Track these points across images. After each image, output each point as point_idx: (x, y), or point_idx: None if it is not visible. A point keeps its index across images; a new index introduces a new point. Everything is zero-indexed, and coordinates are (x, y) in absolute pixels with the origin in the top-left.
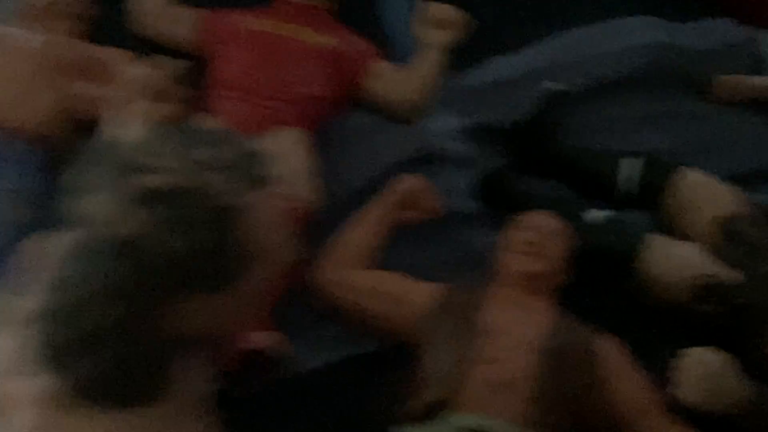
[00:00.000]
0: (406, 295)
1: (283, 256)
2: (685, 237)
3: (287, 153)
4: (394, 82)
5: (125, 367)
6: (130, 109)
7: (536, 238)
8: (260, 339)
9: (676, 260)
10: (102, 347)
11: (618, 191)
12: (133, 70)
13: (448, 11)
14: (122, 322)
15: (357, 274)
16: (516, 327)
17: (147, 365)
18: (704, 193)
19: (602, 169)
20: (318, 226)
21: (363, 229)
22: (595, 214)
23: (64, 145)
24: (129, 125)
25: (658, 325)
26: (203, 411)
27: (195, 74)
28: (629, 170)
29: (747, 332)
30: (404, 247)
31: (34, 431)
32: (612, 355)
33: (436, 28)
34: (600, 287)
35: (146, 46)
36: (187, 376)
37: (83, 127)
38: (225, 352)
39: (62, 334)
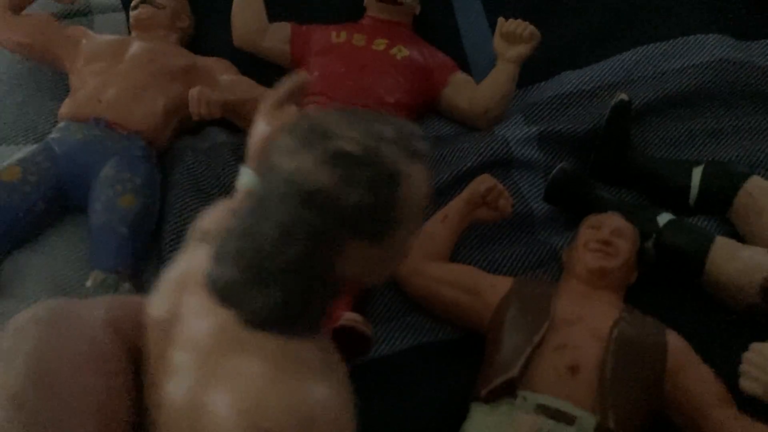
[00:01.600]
0: (483, 287)
1: (421, 222)
2: (752, 242)
3: None
4: (470, 92)
5: (298, 300)
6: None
7: (608, 236)
8: (351, 317)
9: (744, 261)
10: (281, 283)
11: (691, 199)
12: (230, 77)
13: (523, 26)
14: (301, 261)
15: (437, 266)
16: (586, 317)
17: (316, 301)
18: None
19: (675, 177)
20: None
21: (441, 226)
22: (666, 218)
23: (167, 142)
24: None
25: (723, 328)
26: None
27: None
28: (699, 178)
29: None
30: (482, 246)
31: (211, 350)
32: (681, 348)
33: (512, 42)
34: (669, 290)
35: (245, 57)
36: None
37: (184, 128)
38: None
39: (245, 273)
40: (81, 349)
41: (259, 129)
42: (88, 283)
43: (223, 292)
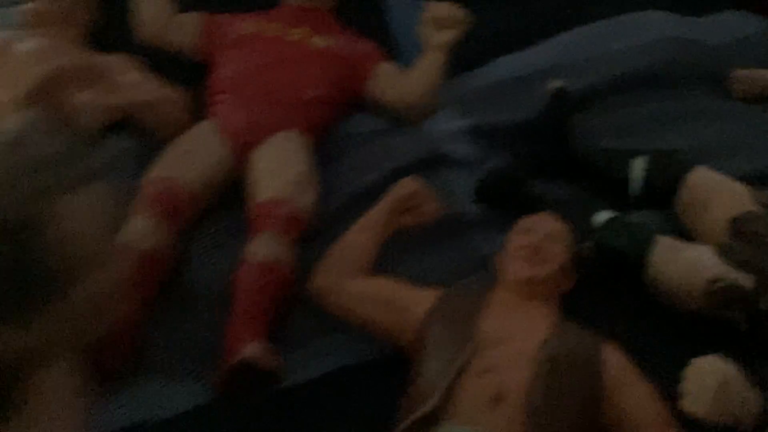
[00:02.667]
0: (406, 303)
1: (115, 259)
2: (698, 237)
3: (287, 158)
4: (397, 83)
5: None
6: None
7: (538, 241)
8: (251, 350)
9: (687, 262)
10: None
11: (631, 192)
12: (132, 76)
13: (450, 10)
14: None
15: (356, 282)
16: (515, 335)
17: None
18: (718, 191)
19: (615, 168)
20: (318, 233)
21: (363, 236)
22: (605, 216)
23: None
24: None
25: (668, 333)
26: (76, 413)
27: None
28: (640, 169)
29: (765, 338)
30: (410, 254)
31: None
32: (619, 365)
33: (439, 27)
34: (607, 293)
35: (151, 53)
36: (46, 385)
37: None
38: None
39: None
40: None
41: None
42: None
43: None
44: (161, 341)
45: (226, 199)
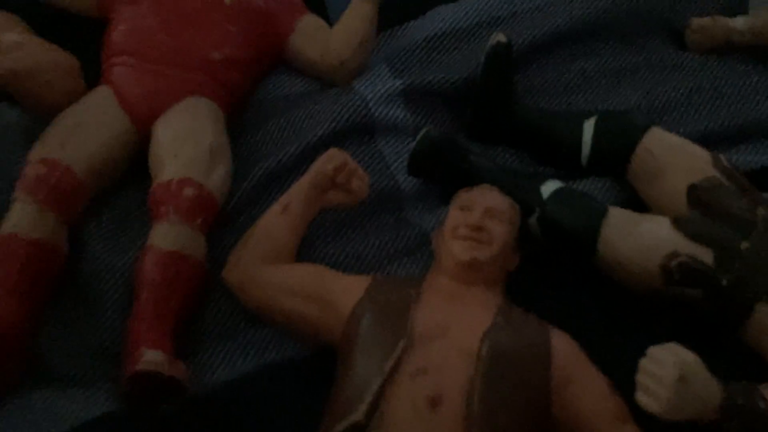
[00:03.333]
0: (333, 293)
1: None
2: (654, 207)
3: (192, 129)
4: (322, 38)
5: None
6: None
7: (478, 219)
8: (151, 359)
9: (642, 237)
10: None
11: (583, 158)
12: (12, 36)
13: None
14: None
15: (276, 271)
16: (453, 328)
17: None
18: (674, 156)
19: (564, 132)
20: (232, 215)
21: (282, 218)
22: (552, 187)
23: None
24: None
25: (622, 315)
26: None
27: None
28: (591, 132)
29: (726, 318)
30: (340, 234)
31: None
32: (569, 355)
33: None
34: (555, 272)
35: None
36: None
37: None
38: None
39: None
40: None
41: None
42: None
43: None
44: (58, 344)
45: (131, 176)
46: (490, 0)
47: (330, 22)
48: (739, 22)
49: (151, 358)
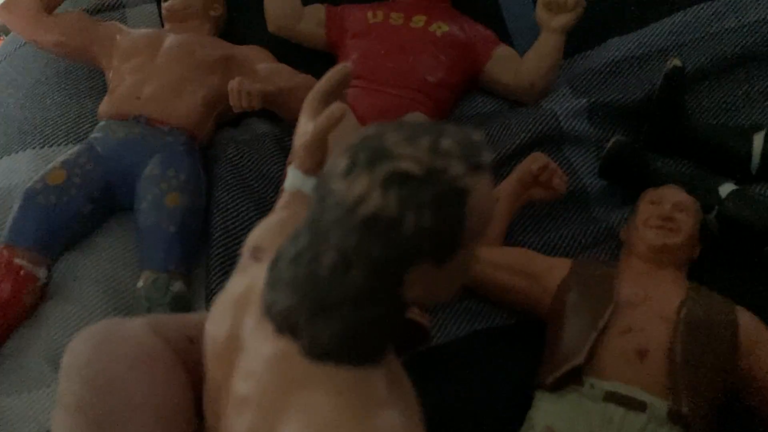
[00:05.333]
0: (540, 271)
1: (487, 235)
2: None
3: None
4: (515, 66)
5: (363, 330)
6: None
7: (670, 211)
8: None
9: None
10: (342, 313)
11: (753, 167)
12: (268, 65)
13: None
14: (361, 292)
15: (492, 251)
16: (651, 298)
17: (381, 328)
18: None
19: (735, 144)
20: None
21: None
22: (729, 188)
23: (209, 136)
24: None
25: None
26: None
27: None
28: (761, 144)
29: None
30: (536, 226)
31: (275, 383)
32: (753, 326)
33: (555, 11)
34: (733, 263)
35: (281, 43)
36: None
37: (223, 121)
38: None
39: (302, 301)
40: (129, 352)
41: (303, 125)
42: (140, 284)
43: (280, 321)
44: None
45: None
46: (660, 32)
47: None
48: None
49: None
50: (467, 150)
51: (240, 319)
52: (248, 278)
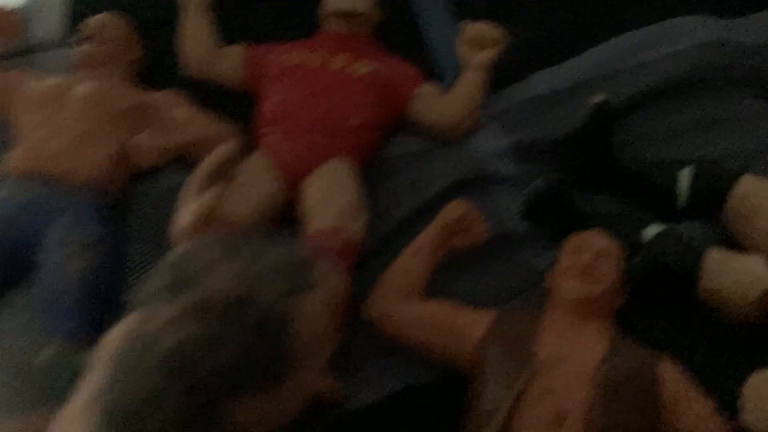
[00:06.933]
0: (461, 326)
1: (329, 349)
2: (748, 247)
3: (337, 186)
4: (439, 103)
5: None
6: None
7: (590, 260)
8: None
9: (739, 274)
10: None
11: (679, 204)
12: (182, 112)
13: (487, 29)
14: (177, 423)
15: (412, 306)
16: (572, 356)
17: None
18: (766, 200)
19: (661, 180)
20: (368, 258)
21: (414, 260)
22: (654, 230)
23: (117, 192)
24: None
25: (723, 346)
26: None
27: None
28: (686, 180)
29: None
30: (462, 274)
31: None
32: (676, 381)
33: (477, 46)
34: (660, 307)
35: (199, 87)
36: None
37: (135, 173)
38: None
39: (122, 422)
40: None
41: (185, 206)
42: (41, 356)
43: None
44: None
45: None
46: (587, 64)
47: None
48: None
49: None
50: (288, 270)
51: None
52: (89, 385)
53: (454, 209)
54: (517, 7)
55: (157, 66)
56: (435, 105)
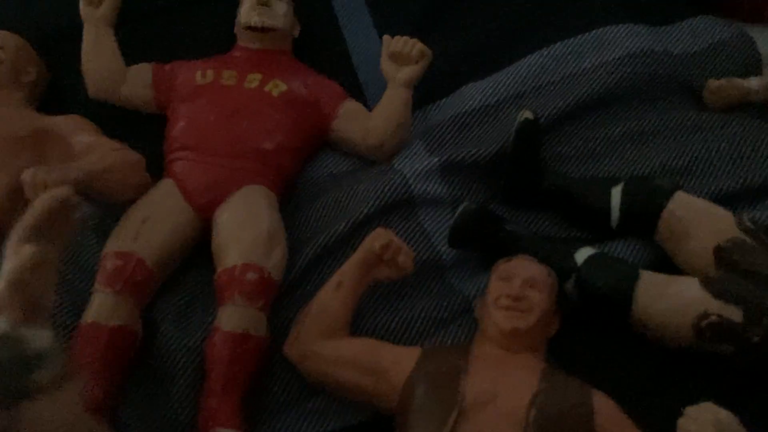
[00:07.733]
0: (386, 365)
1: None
2: (683, 267)
3: (251, 217)
4: (363, 123)
5: None
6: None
7: (518, 289)
8: None
9: (674, 299)
10: None
11: (613, 222)
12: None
13: (411, 44)
14: None
15: (333, 346)
16: (502, 394)
17: None
18: (698, 219)
19: (594, 199)
20: (287, 291)
21: (336, 294)
22: (586, 253)
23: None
24: None
25: (658, 372)
26: None
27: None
28: (619, 199)
29: (759, 373)
30: (389, 303)
31: None
32: (610, 415)
33: (401, 62)
34: (593, 333)
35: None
36: None
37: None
38: None
39: None
40: None
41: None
42: None
43: None
44: (134, 423)
45: (194, 258)
46: (515, 77)
47: (368, 106)
48: (753, 82)
49: None
50: (11, 371)
51: None
52: None
53: (376, 237)
54: (447, 17)
55: (68, 86)
56: (359, 123)
